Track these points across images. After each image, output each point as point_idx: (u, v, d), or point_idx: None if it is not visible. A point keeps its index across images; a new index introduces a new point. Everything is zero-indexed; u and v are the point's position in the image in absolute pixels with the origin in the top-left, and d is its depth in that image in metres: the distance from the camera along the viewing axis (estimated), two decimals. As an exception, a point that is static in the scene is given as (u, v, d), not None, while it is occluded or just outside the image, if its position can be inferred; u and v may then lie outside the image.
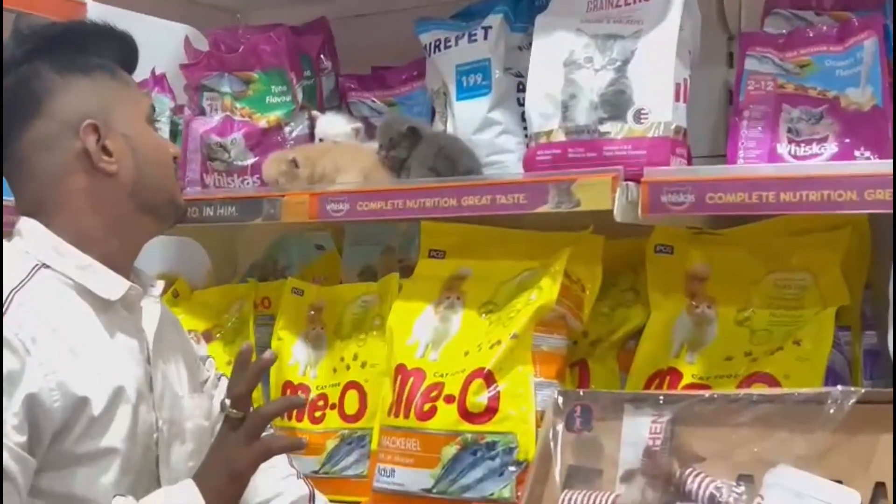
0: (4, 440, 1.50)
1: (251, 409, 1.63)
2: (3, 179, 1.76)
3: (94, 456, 1.59)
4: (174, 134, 2.36)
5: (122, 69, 1.78)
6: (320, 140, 2.18)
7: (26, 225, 1.69)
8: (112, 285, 1.68)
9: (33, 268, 1.63)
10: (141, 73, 2.34)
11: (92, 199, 1.69)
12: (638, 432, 1.61)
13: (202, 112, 2.28)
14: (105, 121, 1.70)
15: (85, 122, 1.68)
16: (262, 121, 2.22)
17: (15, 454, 1.51)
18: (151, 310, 1.76)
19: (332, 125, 2.17)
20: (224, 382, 1.97)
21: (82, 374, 1.59)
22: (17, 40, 1.74)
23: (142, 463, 1.66)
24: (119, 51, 1.79)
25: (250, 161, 2.22)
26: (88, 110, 1.69)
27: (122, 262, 1.72)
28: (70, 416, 1.56)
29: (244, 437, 1.60)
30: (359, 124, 2.19)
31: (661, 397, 1.63)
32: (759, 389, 1.65)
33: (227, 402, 1.62)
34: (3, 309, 1.55)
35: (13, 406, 1.52)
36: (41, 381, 1.54)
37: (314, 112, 2.21)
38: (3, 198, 1.86)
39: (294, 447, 1.69)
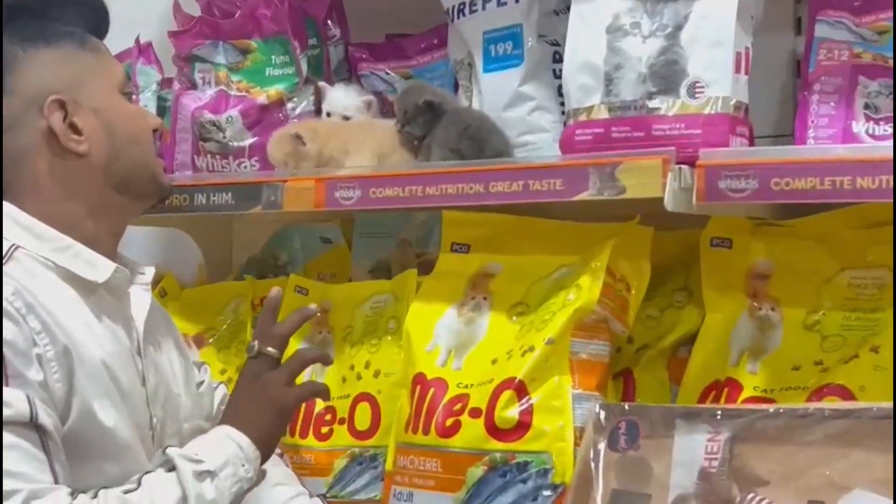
0: (34, 398, 1.52)
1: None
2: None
3: (91, 451, 1.60)
4: (162, 111, 2.38)
5: (91, 36, 1.79)
6: (328, 115, 2.18)
7: None
8: (96, 266, 1.71)
9: (9, 248, 1.65)
10: (124, 41, 2.37)
11: (63, 182, 1.72)
12: (692, 452, 1.61)
13: (193, 86, 2.30)
14: (72, 96, 1.72)
15: (49, 99, 1.70)
16: (262, 95, 2.24)
17: (45, 410, 1.54)
18: (140, 297, 1.79)
19: (341, 98, 2.18)
20: (222, 390, 2.01)
21: (74, 353, 1.60)
22: None
23: (145, 463, 1.67)
24: (86, 16, 1.81)
25: (248, 141, 2.23)
26: (53, 85, 1.71)
27: (103, 247, 1.74)
28: (67, 396, 1.58)
29: (286, 375, 1.73)
30: (371, 97, 2.20)
31: (719, 412, 1.63)
32: (831, 403, 1.65)
33: (258, 342, 1.74)
34: None
35: (32, 369, 1.54)
36: (42, 349, 1.57)
37: (321, 84, 2.22)
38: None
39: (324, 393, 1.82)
